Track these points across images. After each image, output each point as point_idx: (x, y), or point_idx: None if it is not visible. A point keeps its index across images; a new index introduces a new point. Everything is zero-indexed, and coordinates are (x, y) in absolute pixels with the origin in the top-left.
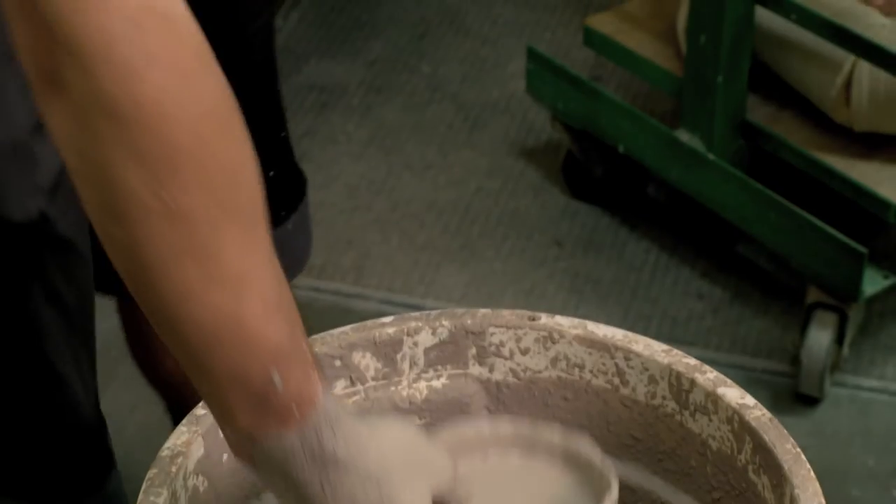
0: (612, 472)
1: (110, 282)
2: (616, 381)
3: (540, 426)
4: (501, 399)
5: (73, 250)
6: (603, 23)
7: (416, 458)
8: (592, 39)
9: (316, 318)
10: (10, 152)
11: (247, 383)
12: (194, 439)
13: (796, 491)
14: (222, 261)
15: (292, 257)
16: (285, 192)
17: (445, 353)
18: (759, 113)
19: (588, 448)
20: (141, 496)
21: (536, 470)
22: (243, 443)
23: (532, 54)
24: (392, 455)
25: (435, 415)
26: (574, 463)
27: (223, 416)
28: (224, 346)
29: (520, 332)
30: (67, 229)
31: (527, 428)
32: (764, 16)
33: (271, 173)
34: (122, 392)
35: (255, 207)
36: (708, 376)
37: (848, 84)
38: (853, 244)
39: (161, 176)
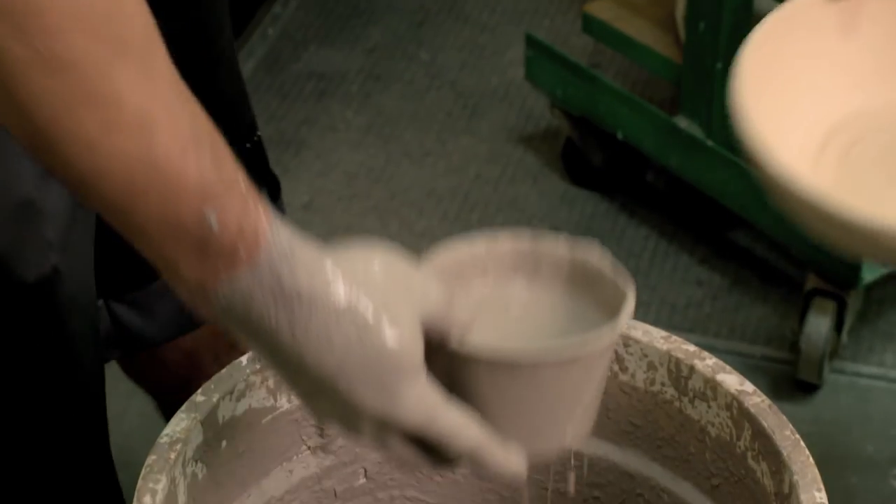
0: (627, 282)
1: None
2: (615, 367)
3: (542, 238)
4: None
5: (83, 306)
6: (602, 10)
7: (398, 284)
8: (591, 26)
9: None
10: (21, 211)
11: (180, 230)
12: (193, 426)
13: (795, 477)
14: (121, 104)
15: None
16: (269, 191)
17: None
18: None
19: (597, 258)
20: (140, 483)
21: (542, 290)
22: (198, 297)
23: (531, 41)
24: (367, 283)
25: None
26: (583, 277)
27: (168, 272)
28: (144, 194)
29: None
30: (77, 284)
31: (528, 242)
32: (763, 3)
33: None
34: (120, 379)
35: (148, 39)
36: (707, 363)
37: None
38: None
39: (26, 24)
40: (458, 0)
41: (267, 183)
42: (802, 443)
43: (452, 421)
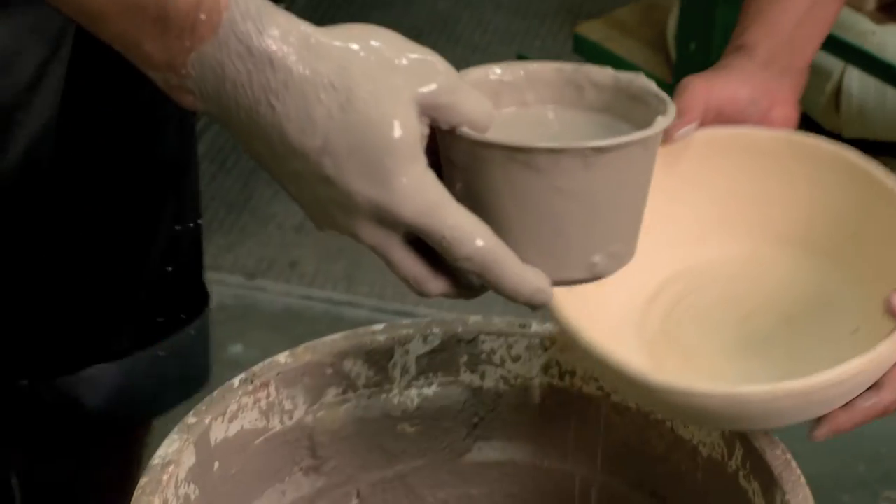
0: (670, 102)
1: None
2: (607, 387)
3: (584, 66)
4: (494, 406)
5: None
6: (592, 30)
7: (393, 58)
8: (582, 47)
9: (307, 325)
10: None
11: (137, 6)
12: (186, 447)
13: (787, 496)
14: None
15: (195, 366)
16: (189, 294)
17: (437, 361)
18: None
19: (643, 80)
20: None
21: (582, 113)
22: (171, 80)
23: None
24: (356, 55)
25: (427, 422)
26: (628, 102)
27: (139, 60)
28: None
29: (511, 339)
30: None
31: (572, 66)
32: None
33: (169, 268)
34: None
35: None
36: None
37: (838, 91)
38: None
39: None
40: (451, 21)
41: (199, 282)
42: (794, 462)
43: (459, 219)
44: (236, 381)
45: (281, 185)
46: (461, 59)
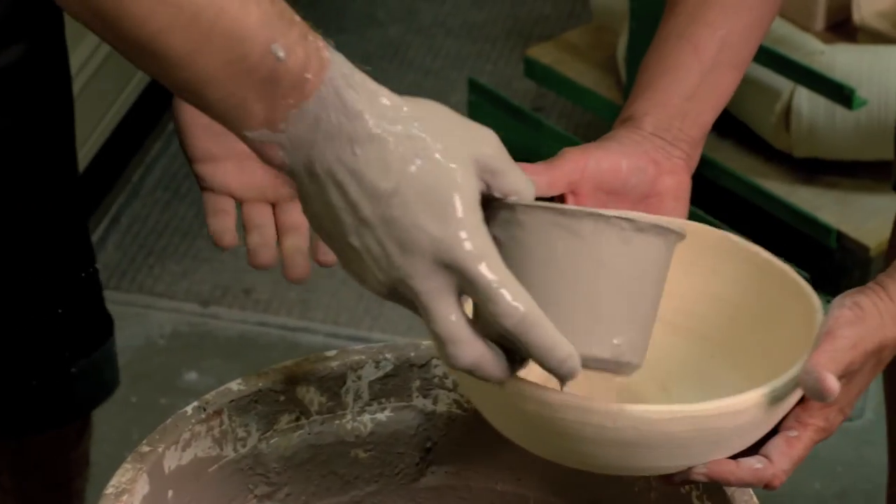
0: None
1: None
2: None
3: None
4: (447, 431)
5: None
6: (543, 53)
7: (454, 124)
8: (533, 70)
9: (262, 352)
10: None
11: (248, 69)
12: (139, 476)
13: None
14: None
15: (99, 382)
16: (90, 331)
17: (389, 386)
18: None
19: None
20: None
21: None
22: (265, 139)
23: (474, 86)
24: (424, 116)
25: (381, 447)
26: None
27: (239, 120)
28: (210, 40)
29: None
30: None
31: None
32: None
33: (59, 310)
34: None
35: None
36: None
37: (787, 111)
38: (795, 269)
39: None
40: (402, 46)
41: (99, 322)
42: None
43: (507, 273)
44: (189, 409)
45: (335, 237)
46: (413, 83)
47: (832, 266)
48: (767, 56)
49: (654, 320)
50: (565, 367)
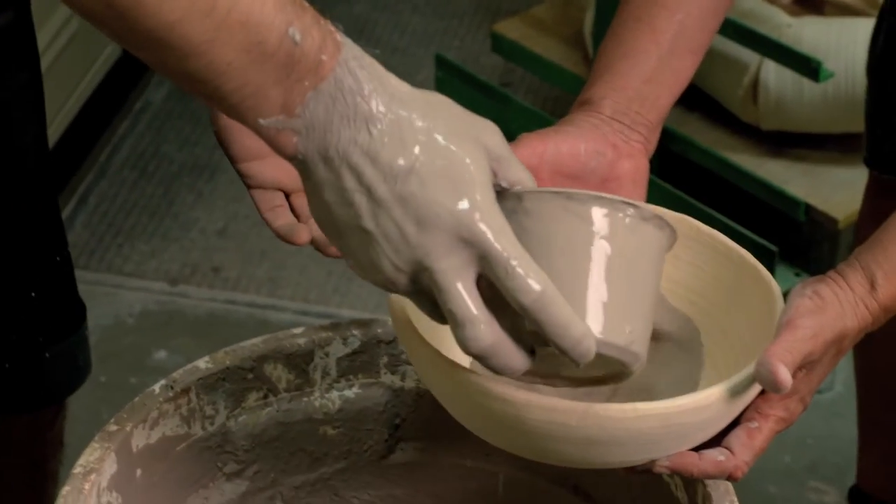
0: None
1: None
2: None
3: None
4: (415, 407)
5: None
6: (510, 29)
7: (458, 111)
8: (500, 46)
9: (231, 330)
10: None
11: (266, 54)
12: (107, 455)
13: (708, 489)
14: None
15: (74, 367)
16: (63, 317)
17: (357, 363)
18: (668, 115)
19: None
20: None
21: None
22: (281, 126)
23: (441, 62)
24: (434, 102)
25: (349, 424)
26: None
27: (256, 109)
28: (228, 29)
29: None
30: None
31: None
32: None
33: (33, 294)
34: None
35: None
36: None
37: (755, 84)
38: (764, 242)
39: None
40: (368, 23)
41: (72, 307)
42: None
43: (523, 250)
44: (157, 387)
45: (345, 241)
46: (380, 61)
47: (801, 239)
48: (735, 29)
49: (653, 316)
50: (582, 346)
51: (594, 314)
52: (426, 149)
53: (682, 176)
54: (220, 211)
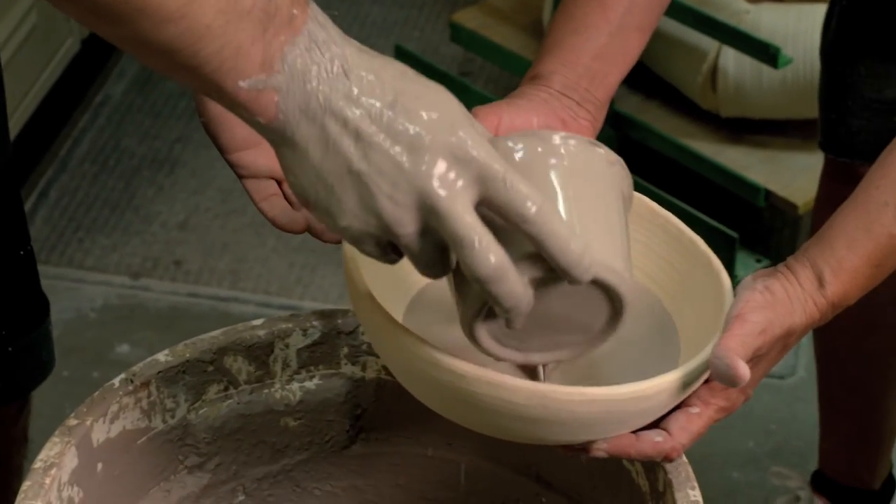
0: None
1: None
2: None
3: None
4: (376, 397)
5: None
6: (469, 18)
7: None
8: (459, 35)
9: (194, 323)
10: None
11: (242, 11)
12: (67, 450)
13: (669, 475)
14: None
15: (38, 361)
16: (27, 311)
17: (317, 354)
18: (627, 102)
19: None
20: None
21: None
22: (261, 86)
23: (400, 52)
24: (391, 60)
25: (310, 416)
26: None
27: (236, 70)
28: None
29: None
30: None
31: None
32: None
33: None
34: None
35: None
36: None
37: (714, 71)
38: (725, 229)
39: None
40: (328, 14)
41: (35, 301)
42: None
43: (518, 174)
44: (116, 381)
45: (332, 206)
46: None
47: (761, 225)
48: (693, 16)
49: (630, 262)
50: (584, 261)
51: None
52: (404, 84)
53: (643, 163)
54: (181, 204)
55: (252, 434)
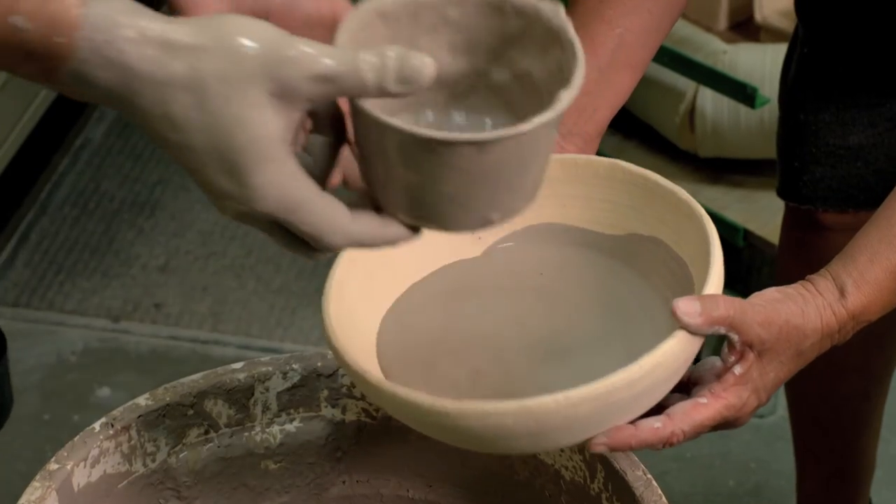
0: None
1: None
2: None
3: None
4: (357, 440)
5: None
6: None
7: (247, 49)
8: None
9: (175, 366)
10: None
11: (4, 46)
12: (48, 494)
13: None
14: None
15: None
16: None
17: (297, 397)
18: (606, 143)
19: (560, 15)
20: None
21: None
22: (54, 87)
23: None
24: (207, 52)
25: (291, 458)
26: (543, 26)
27: (19, 75)
28: None
29: None
30: None
31: None
32: None
33: None
34: None
35: None
36: None
37: (691, 111)
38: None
39: None
40: None
41: None
42: (654, 482)
43: (320, 217)
44: (97, 425)
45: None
46: None
47: (740, 264)
48: (670, 57)
49: (543, 177)
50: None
51: (447, 218)
52: (195, 121)
53: None
54: (161, 247)
55: (233, 477)
